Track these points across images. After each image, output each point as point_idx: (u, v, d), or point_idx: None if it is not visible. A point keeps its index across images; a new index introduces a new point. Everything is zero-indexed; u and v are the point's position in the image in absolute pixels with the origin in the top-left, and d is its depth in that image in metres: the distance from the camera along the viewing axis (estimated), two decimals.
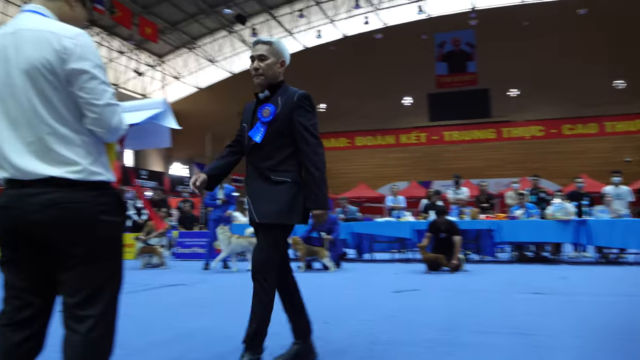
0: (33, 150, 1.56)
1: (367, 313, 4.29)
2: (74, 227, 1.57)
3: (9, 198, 1.59)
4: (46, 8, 1.70)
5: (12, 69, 1.58)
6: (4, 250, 1.66)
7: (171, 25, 29.21)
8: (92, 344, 1.58)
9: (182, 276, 7.61)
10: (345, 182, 28.58)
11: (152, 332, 3.66)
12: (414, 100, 29.39)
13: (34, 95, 1.56)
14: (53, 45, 1.56)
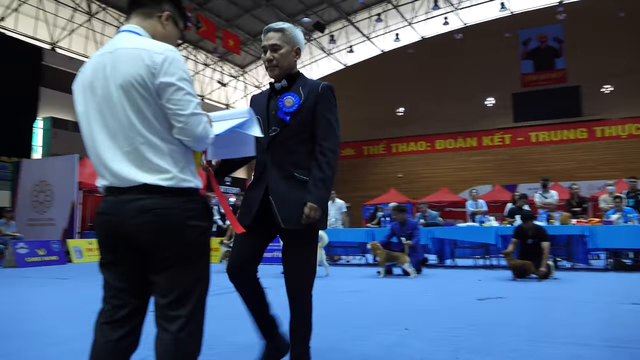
0: (130, 159, 1.68)
1: (450, 320, 4.18)
2: (164, 231, 1.67)
3: (108, 204, 1.72)
4: (141, 27, 1.84)
5: (110, 85, 1.70)
6: (103, 253, 1.78)
7: (252, 36, 30.18)
8: (182, 342, 1.66)
9: (264, 280, 7.80)
10: (425, 186, 28.07)
11: (236, 334, 3.78)
12: (497, 100, 28.33)
13: (129, 109, 1.68)
14: (145, 61, 1.68)
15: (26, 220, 13.51)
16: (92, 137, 1.75)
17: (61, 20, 23.96)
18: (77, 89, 1.81)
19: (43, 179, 13.77)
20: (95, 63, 1.77)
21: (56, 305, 5.39)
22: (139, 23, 1.86)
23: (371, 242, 8.45)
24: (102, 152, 1.72)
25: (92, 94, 1.74)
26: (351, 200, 26.50)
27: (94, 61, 1.79)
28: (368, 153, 31.61)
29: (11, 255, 10.82)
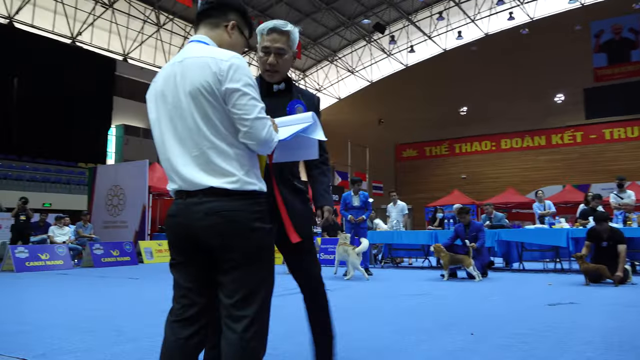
0: (197, 164, 1.76)
1: (518, 326, 4.03)
2: (231, 233, 1.72)
3: (178, 207, 1.80)
4: (208, 37, 1.93)
5: (180, 92, 1.79)
6: (173, 254, 1.87)
7: (312, 40, 30.47)
8: (247, 342, 1.70)
9: (326, 282, 7.84)
10: (491, 186, 27.27)
11: (299, 334, 3.82)
12: (567, 97, 27.10)
13: (197, 115, 1.76)
14: (212, 68, 1.75)
15: (101, 222, 14.29)
16: (163, 143, 1.85)
17: (132, 32, 25.16)
18: (150, 97, 1.91)
19: (116, 183, 14.51)
20: (166, 73, 1.87)
21: (128, 305, 5.65)
22: (206, 33, 1.95)
23: (434, 245, 8.29)
24: (172, 157, 1.81)
25: (164, 102, 1.84)
26: (413, 202, 26.13)
27: (165, 71, 1.88)
28: (430, 154, 31.09)
29: (88, 255, 11.47)
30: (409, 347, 3.38)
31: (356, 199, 9.24)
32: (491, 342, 3.48)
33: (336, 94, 35.15)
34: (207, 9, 1.97)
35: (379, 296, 6.08)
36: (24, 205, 12.19)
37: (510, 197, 21.63)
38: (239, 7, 2.03)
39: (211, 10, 1.97)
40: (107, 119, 23.57)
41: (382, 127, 32.38)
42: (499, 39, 29.00)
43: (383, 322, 4.27)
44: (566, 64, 26.50)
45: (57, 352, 3.35)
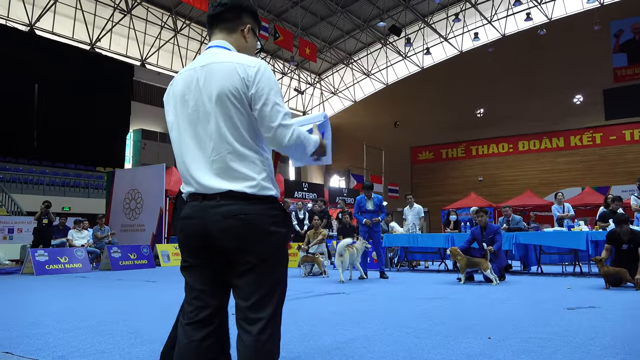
0: (215, 168, 1.78)
1: (536, 330, 3.98)
2: (247, 236, 1.74)
3: (192, 209, 1.80)
4: (227, 42, 1.96)
5: (204, 96, 1.81)
6: (186, 256, 1.86)
7: (328, 43, 30.52)
8: (263, 344, 1.72)
9: (342, 285, 7.84)
10: (508, 189, 27.01)
11: (314, 338, 3.82)
12: (586, 98, 26.73)
13: (221, 119, 1.78)
14: (239, 74, 1.78)
15: (119, 226, 14.45)
16: (180, 146, 1.87)
17: (149, 38, 25.46)
18: (169, 100, 1.93)
19: (134, 187, 14.68)
20: (186, 76, 1.88)
21: (145, 307, 5.70)
22: (224, 38, 1.97)
23: (451, 248, 8.24)
24: (189, 160, 1.83)
25: (184, 106, 1.86)
26: (429, 205, 26.01)
27: (185, 75, 1.90)
28: (447, 156, 30.89)
29: (106, 258, 11.61)
30: (426, 350, 3.36)
31: (370, 202, 9.22)
32: (509, 346, 3.44)
33: (352, 97, 35.14)
34: (221, 12, 1.98)
35: (395, 299, 6.05)
36: (47, 209, 12.38)
37: (527, 200, 21.37)
38: (251, 9, 2.04)
39: (226, 13, 1.98)
40: (125, 124, 23.85)
41: (398, 129, 32.27)
42: (516, 39, 28.74)
43: (399, 325, 4.25)
44: (585, 64, 26.16)
45: (75, 354, 3.40)
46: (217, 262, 1.81)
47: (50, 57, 20.49)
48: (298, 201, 15.09)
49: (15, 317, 5.00)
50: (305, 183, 19.40)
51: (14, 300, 6.44)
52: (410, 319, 4.60)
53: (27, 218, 15.22)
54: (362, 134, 32.18)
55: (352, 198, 20.17)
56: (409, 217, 11.74)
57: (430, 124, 30.81)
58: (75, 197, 19.37)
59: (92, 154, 22.35)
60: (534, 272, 9.57)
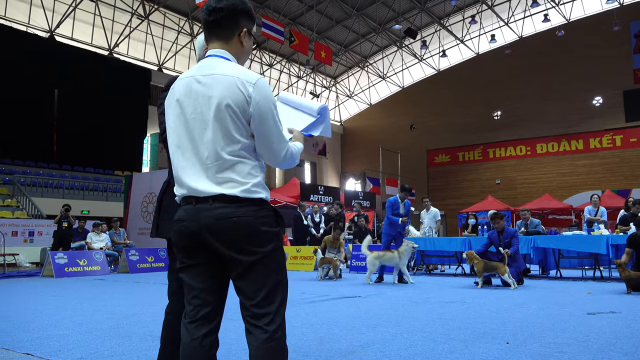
0: (211, 174, 1.83)
1: (556, 335, 3.92)
2: (240, 237, 1.80)
3: (187, 212, 1.86)
4: (226, 51, 1.96)
5: (202, 105, 1.85)
6: (182, 258, 1.90)
7: (343, 47, 30.54)
8: (272, 333, 1.79)
9: (358, 289, 7.81)
10: (526, 192, 26.74)
11: (330, 341, 3.81)
12: (606, 99, 26.35)
13: (217, 128, 1.82)
14: (240, 89, 1.82)
15: (137, 229, 14.59)
16: (176, 150, 1.92)
17: (166, 43, 25.74)
18: (169, 104, 1.96)
19: (151, 191, 14.81)
20: (187, 83, 1.91)
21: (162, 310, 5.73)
22: (222, 47, 1.97)
23: (467, 251, 8.16)
24: (184, 165, 1.89)
25: (182, 111, 1.89)
26: (446, 208, 25.82)
27: (186, 81, 1.92)
28: (463, 159, 30.66)
29: (124, 261, 11.73)
30: (442, 355, 3.33)
31: (402, 206, 9.24)
32: (527, 352, 3.39)
33: (367, 100, 35.09)
34: (217, 20, 1.95)
35: (412, 303, 6.01)
36: (67, 212, 12.54)
37: (546, 203, 21.12)
38: (245, 9, 2.00)
39: (222, 20, 1.95)
40: (142, 128, 24.12)
41: (414, 132, 32.13)
42: (534, 41, 28.47)
43: (416, 330, 4.22)
44: (604, 65, 25.80)
45: (93, 356, 3.43)
46: (213, 261, 1.86)
47: (69, 63, 20.83)
48: (314, 204, 15.09)
49: (35, 319, 5.08)
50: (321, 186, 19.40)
51: (34, 302, 6.54)
52: (427, 323, 4.57)
53: (47, 221, 15.45)
54: (378, 137, 32.10)
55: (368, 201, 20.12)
56: (425, 220, 11.67)
57: (446, 126, 30.63)
58: (94, 201, 19.61)
59: (111, 158, 22.64)
60: (553, 276, 9.44)
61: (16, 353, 3.55)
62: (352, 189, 32.54)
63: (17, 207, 17.40)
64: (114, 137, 22.37)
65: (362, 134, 34.89)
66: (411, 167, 30.42)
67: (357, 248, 12.01)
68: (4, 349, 3.67)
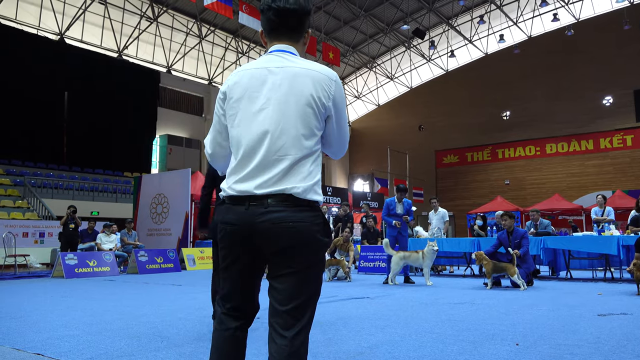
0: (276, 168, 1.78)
1: (566, 337, 3.89)
2: (296, 243, 1.75)
3: (238, 215, 1.79)
4: (294, 48, 1.95)
5: (280, 97, 1.82)
6: (228, 257, 1.86)
7: (352, 47, 30.53)
8: (298, 347, 1.76)
9: (366, 290, 7.80)
10: (535, 192, 26.58)
11: (338, 342, 3.81)
12: (616, 99, 26.15)
13: (300, 122, 1.80)
14: (322, 84, 1.84)
15: (146, 230, 14.66)
16: (239, 142, 1.84)
17: (175, 45, 25.86)
18: (231, 94, 1.89)
19: (160, 192, 14.88)
20: (256, 74, 1.86)
21: (171, 311, 5.76)
22: (291, 44, 1.95)
23: (476, 252, 8.12)
24: (246, 157, 1.81)
25: (250, 103, 1.84)
26: (454, 209, 25.73)
27: (254, 72, 1.87)
28: (472, 160, 30.53)
29: (134, 262, 11.79)
30: (452, 356, 3.32)
31: (400, 206, 9.16)
32: (537, 353, 3.37)
33: (375, 101, 35.06)
34: (290, 19, 1.92)
35: (420, 304, 5.99)
36: (73, 214, 12.61)
37: (555, 204, 20.97)
38: (310, 11, 1.99)
39: (294, 20, 1.92)
40: (152, 130, 24.25)
41: (422, 133, 32.05)
42: (543, 41, 28.30)
43: (424, 331, 4.20)
44: (614, 65, 25.60)
45: (103, 356, 3.45)
46: (258, 262, 1.85)
47: (79, 65, 21.00)
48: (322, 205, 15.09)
49: (45, 319, 5.12)
50: (329, 187, 19.40)
51: (44, 303, 6.59)
52: (436, 324, 4.55)
53: (57, 222, 15.56)
54: (386, 137, 32.05)
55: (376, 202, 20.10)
56: (434, 221, 11.63)
57: (455, 127, 30.52)
58: (104, 202, 19.73)
59: (120, 159, 22.79)
60: (563, 278, 9.37)
61: (27, 353, 3.58)
62: (361, 189, 32.50)
63: (28, 208, 17.55)
64: (124, 138, 22.51)
65: (371, 134, 34.83)
66: (420, 167, 30.34)
67: (366, 249, 12.00)
68: (15, 349, 3.70)
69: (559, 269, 9.57)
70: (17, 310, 5.81)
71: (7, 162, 19.88)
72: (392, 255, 8.71)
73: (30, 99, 19.57)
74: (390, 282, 8.66)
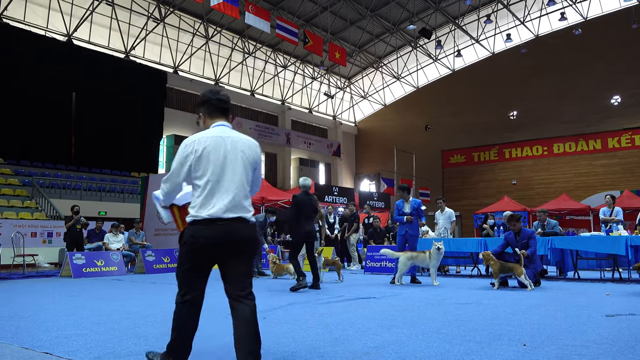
0: (234, 203, 2.86)
1: (574, 337, 3.87)
2: (249, 244, 2.93)
3: (217, 230, 2.80)
4: (229, 124, 3.08)
5: (232, 156, 2.91)
6: (199, 261, 2.87)
7: (358, 47, 30.51)
8: (254, 305, 2.87)
9: (372, 290, 7.80)
10: (543, 192, 26.46)
11: (345, 342, 3.81)
12: (624, 98, 25.99)
13: (243, 173, 2.93)
14: (256, 150, 3.05)
15: (153, 230, 14.71)
16: (216, 184, 2.85)
17: (182, 45, 25.94)
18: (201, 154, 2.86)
19: None
20: (215, 139, 2.91)
21: None
22: (227, 121, 3.09)
23: (483, 252, 8.09)
24: (219, 195, 2.84)
25: (216, 158, 2.87)
26: (462, 209, 25.65)
27: (213, 138, 2.91)
28: (479, 159, 30.45)
29: (141, 262, 11.83)
30: (458, 357, 3.31)
31: (407, 205, 9.15)
32: (544, 354, 3.35)
33: (382, 101, 35.02)
34: (228, 107, 3.13)
35: (427, 304, 5.98)
36: (77, 214, 12.62)
37: (563, 204, 20.88)
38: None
39: (228, 107, 3.15)
40: (158, 130, 24.34)
41: (429, 133, 31.99)
42: (550, 40, 28.18)
43: (431, 331, 4.20)
44: (622, 64, 25.45)
45: (110, 355, 3.47)
46: (212, 264, 2.90)
47: (87, 66, 21.12)
48: (328, 205, 15.09)
49: (53, 318, 5.15)
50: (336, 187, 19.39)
51: (53, 302, 6.63)
52: (442, 324, 4.54)
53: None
54: (393, 137, 32.01)
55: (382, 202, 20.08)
56: (440, 221, 11.60)
57: (461, 127, 30.44)
58: (111, 202, 19.82)
59: (127, 159, 22.88)
60: (570, 278, 9.32)
61: (35, 352, 3.61)
62: (367, 189, 32.47)
63: (36, 208, 17.67)
64: (131, 139, 22.60)
65: (377, 134, 34.80)
66: (426, 167, 30.28)
67: (372, 249, 11.99)
68: (23, 348, 3.73)
69: (567, 270, 9.52)
70: (25, 310, 5.85)
71: (15, 163, 20.02)
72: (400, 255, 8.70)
73: (39, 100, 19.70)
74: (396, 282, 8.63)
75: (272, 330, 4.31)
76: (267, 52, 29.66)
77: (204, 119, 3.08)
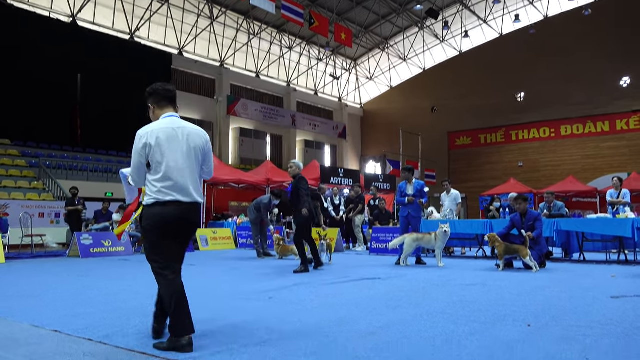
0: (194, 187, 3.29)
1: (578, 318, 3.88)
2: (197, 224, 3.44)
3: (181, 211, 3.22)
4: (177, 114, 3.43)
5: (185, 145, 3.28)
6: (170, 237, 3.23)
7: (364, 28, 30.21)
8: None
9: (378, 270, 7.83)
10: (549, 174, 26.35)
11: (350, 322, 3.84)
12: (634, 80, 25.68)
13: (195, 161, 3.31)
14: (204, 138, 3.39)
15: None
16: (173, 171, 3.22)
17: (186, 27, 25.76)
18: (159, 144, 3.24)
19: None
20: (168, 131, 3.28)
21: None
22: (175, 112, 3.44)
23: (489, 234, 8.09)
24: (182, 180, 3.23)
25: (174, 149, 3.25)
26: (468, 191, 25.60)
27: (166, 130, 3.28)
28: (485, 141, 30.30)
29: None
30: (463, 336, 3.33)
31: (410, 187, 9.12)
32: (549, 334, 3.37)
33: (388, 82, 34.77)
34: (175, 96, 3.49)
35: (432, 285, 6.01)
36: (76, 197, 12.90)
37: (570, 186, 20.79)
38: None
39: (174, 97, 3.50)
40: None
41: (435, 114, 31.80)
42: (559, 20, 27.78)
43: (436, 311, 4.22)
44: (632, 44, 25.08)
45: (118, 334, 3.52)
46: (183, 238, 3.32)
47: (91, 48, 21.03)
48: (334, 187, 15.09)
49: (62, 297, 5.22)
50: (341, 169, 19.36)
51: (61, 282, 6.71)
52: (447, 305, 4.56)
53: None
54: (399, 119, 31.85)
55: (388, 184, 20.04)
56: (446, 203, 11.59)
57: (468, 108, 30.22)
58: (117, 183, 19.78)
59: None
60: (576, 260, 9.31)
61: (45, 330, 3.66)
62: (372, 171, 32.44)
63: (44, 189, 17.77)
64: (136, 120, 22.49)
65: (383, 116, 34.64)
66: (432, 149, 30.17)
67: (377, 230, 12.01)
68: (33, 326, 3.79)
69: (573, 251, 9.51)
70: (34, 289, 5.93)
71: (22, 144, 20.09)
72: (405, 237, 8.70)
73: (44, 81, 19.66)
74: (402, 263, 8.66)
75: (278, 310, 4.35)
76: (272, 33, 29.41)
77: (154, 110, 3.44)
